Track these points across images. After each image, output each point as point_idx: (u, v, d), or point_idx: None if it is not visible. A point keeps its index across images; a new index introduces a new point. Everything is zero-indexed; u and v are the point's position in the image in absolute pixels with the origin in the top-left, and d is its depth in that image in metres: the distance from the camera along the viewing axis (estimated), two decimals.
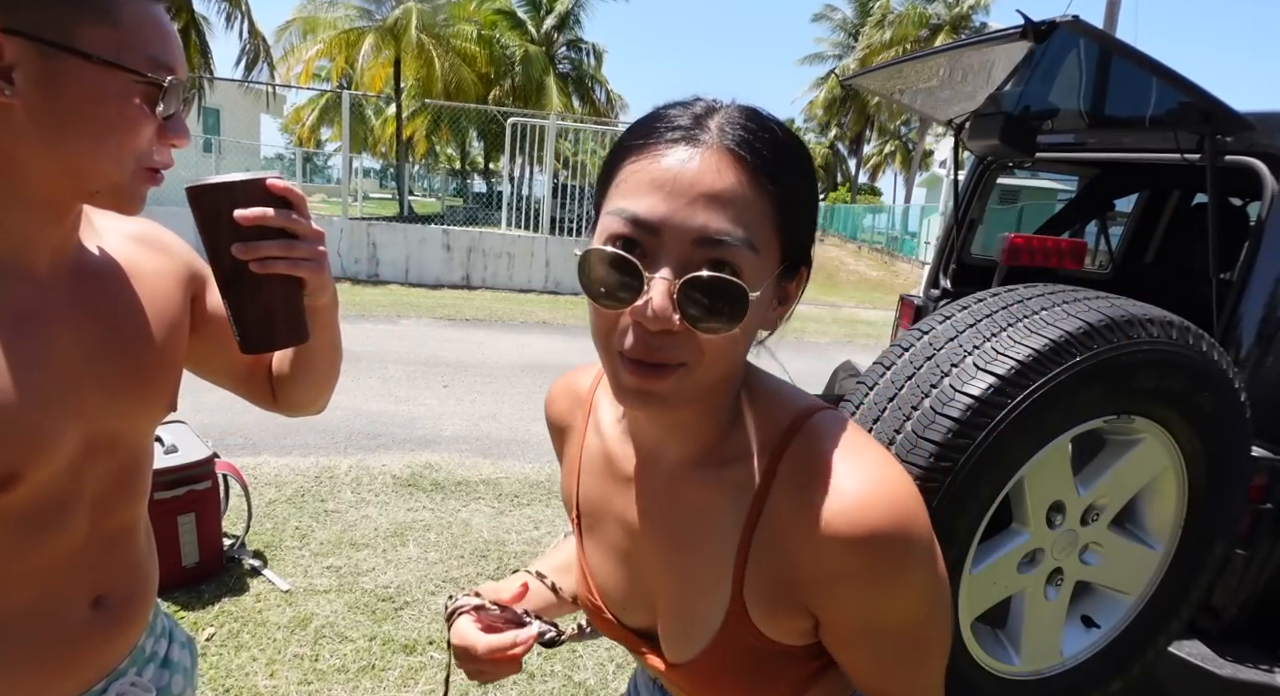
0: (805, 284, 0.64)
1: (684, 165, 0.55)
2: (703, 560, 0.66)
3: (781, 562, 0.61)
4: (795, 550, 0.60)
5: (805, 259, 0.62)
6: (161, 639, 0.91)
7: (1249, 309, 1.97)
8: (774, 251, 0.58)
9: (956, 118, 2.84)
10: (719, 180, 0.54)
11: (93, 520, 0.77)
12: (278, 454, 4.11)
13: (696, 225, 0.54)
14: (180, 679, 0.92)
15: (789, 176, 0.58)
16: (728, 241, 0.54)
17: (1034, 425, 1.44)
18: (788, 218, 0.58)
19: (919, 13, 28.47)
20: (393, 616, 2.66)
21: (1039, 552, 1.65)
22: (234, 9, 13.73)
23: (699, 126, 0.56)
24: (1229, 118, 1.97)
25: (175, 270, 0.89)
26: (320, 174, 34.93)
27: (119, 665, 0.82)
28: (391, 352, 6.69)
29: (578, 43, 26.40)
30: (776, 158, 0.57)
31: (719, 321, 0.55)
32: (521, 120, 11.97)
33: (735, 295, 0.54)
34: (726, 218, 0.54)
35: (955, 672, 1.59)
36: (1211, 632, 1.95)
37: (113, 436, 0.78)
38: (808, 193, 0.60)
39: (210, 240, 0.71)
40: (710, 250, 0.54)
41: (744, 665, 0.67)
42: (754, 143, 0.56)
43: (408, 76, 21.28)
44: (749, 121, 0.57)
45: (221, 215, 0.69)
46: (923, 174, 35.60)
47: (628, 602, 0.76)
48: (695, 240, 0.54)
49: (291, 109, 30.82)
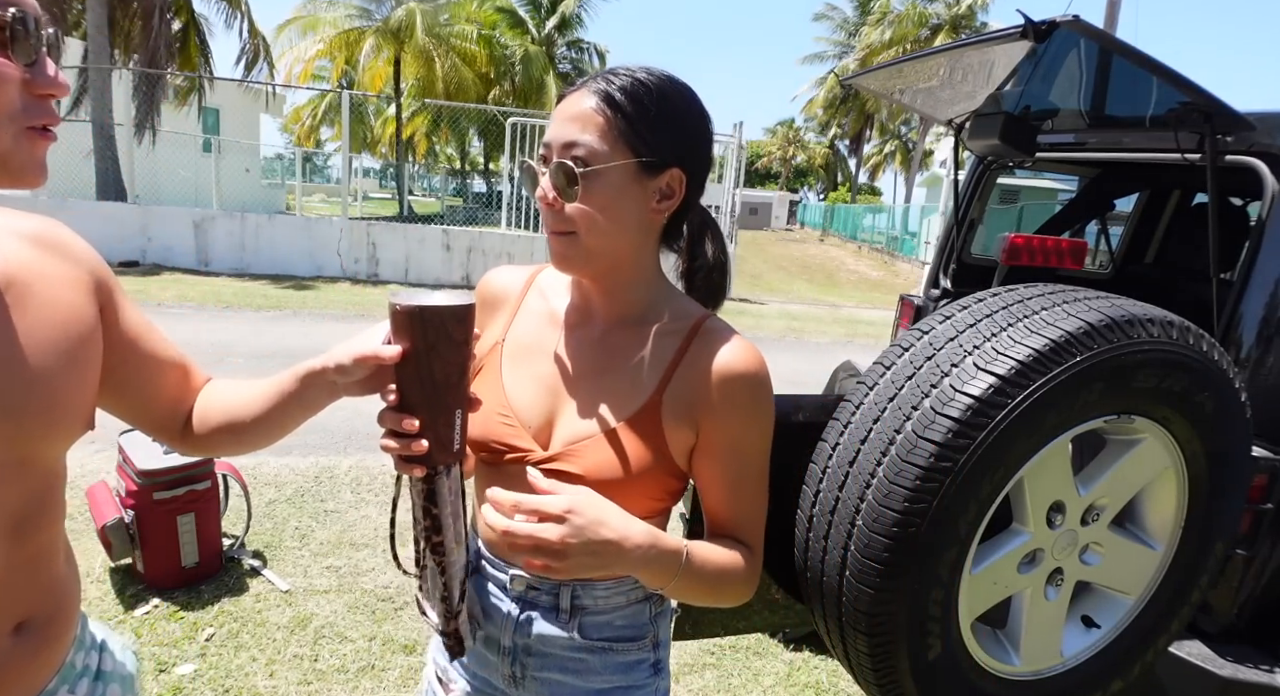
0: (684, 185, 0.87)
1: (566, 103, 0.84)
2: (626, 378, 0.90)
3: (693, 385, 0.87)
4: (704, 378, 0.87)
5: (672, 163, 0.85)
6: (93, 652, 0.88)
7: (1249, 309, 1.97)
8: (622, 150, 0.82)
9: (956, 117, 2.84)
10: (576, 107, 0.83)
11: (9, 548, 0.71)
12: (277, 454, 4.10)
13: (565, 136, 0.82)
14: (117, 687, 0.90)
15: (633, 102, 0.82)
16: (577, 141, 0.81)
17: (1034, 425, 1.44)
18: (632, 127, 0.81)
19: (919, 12, 28.46)
20: (393, 616, 2.66)
21: (1039, 553, 1.65)
22: (234, 9, 13.72)
23: (585, 82, 0.85)
24: (1229, 117, 1.97)
25: (81, 276, 0.80)
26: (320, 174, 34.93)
27: (47, 686, 0.79)
28: None
29: (579, 43, 26.39)
30: (624, 90, 0.82)
31: (569, 193, 0.82)
32: (521, 120, 11.96)
33: (572, 174, 0.80)
34: (577, 128, 0.82)
35: (955, 672, 1.59)
36: (1211, 632, 1.95)
37: (21, 461, 0.71)
38: (657, 113, 0.83)
39: (425, 359, 0.73)
40: (568, 150, 0.82)
41: (628, 455, 0.87)
42: (609, 81, 0.83)
43: (408, 76, 21.27)
44: (613, 72, 0.84)
45: (442, 335, 0.72)
46: (923, 174, 35.59)
47: (537, 413, 0.92)
48: (561, 146, 0.83)
49: (291, 109, 30.84)
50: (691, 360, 0.88)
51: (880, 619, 1.48)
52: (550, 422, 0.91)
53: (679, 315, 0.92)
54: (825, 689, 2.46)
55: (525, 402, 0.92)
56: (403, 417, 0.75)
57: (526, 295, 1.00)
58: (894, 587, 1.45)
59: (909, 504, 1.41)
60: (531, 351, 0.95)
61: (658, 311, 0.92)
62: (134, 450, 2.69)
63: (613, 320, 0.93)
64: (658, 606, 0.99)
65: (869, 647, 1.52)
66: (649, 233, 0.89)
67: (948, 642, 1.55)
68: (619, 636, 0.96)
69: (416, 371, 0.73)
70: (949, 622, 1.54)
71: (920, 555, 1.43)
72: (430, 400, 0.74)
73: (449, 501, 0.80)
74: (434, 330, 0.71)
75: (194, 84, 13.95)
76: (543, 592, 0.95)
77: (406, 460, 0.76)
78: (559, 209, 0.83)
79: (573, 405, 0.90)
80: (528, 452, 0.89)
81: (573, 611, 0.94)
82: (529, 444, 0.90)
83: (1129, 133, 2.50)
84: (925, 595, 1.47)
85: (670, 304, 0.93)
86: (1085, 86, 2.36)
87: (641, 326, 0.92)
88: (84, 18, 11.97)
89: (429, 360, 0.73)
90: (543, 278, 1.01)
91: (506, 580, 0.96)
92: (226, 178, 14.32)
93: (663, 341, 0.90)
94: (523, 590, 0.95)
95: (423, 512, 0.80)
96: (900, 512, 1.42)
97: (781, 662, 2.57)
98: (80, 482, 3.46)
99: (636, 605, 0.97)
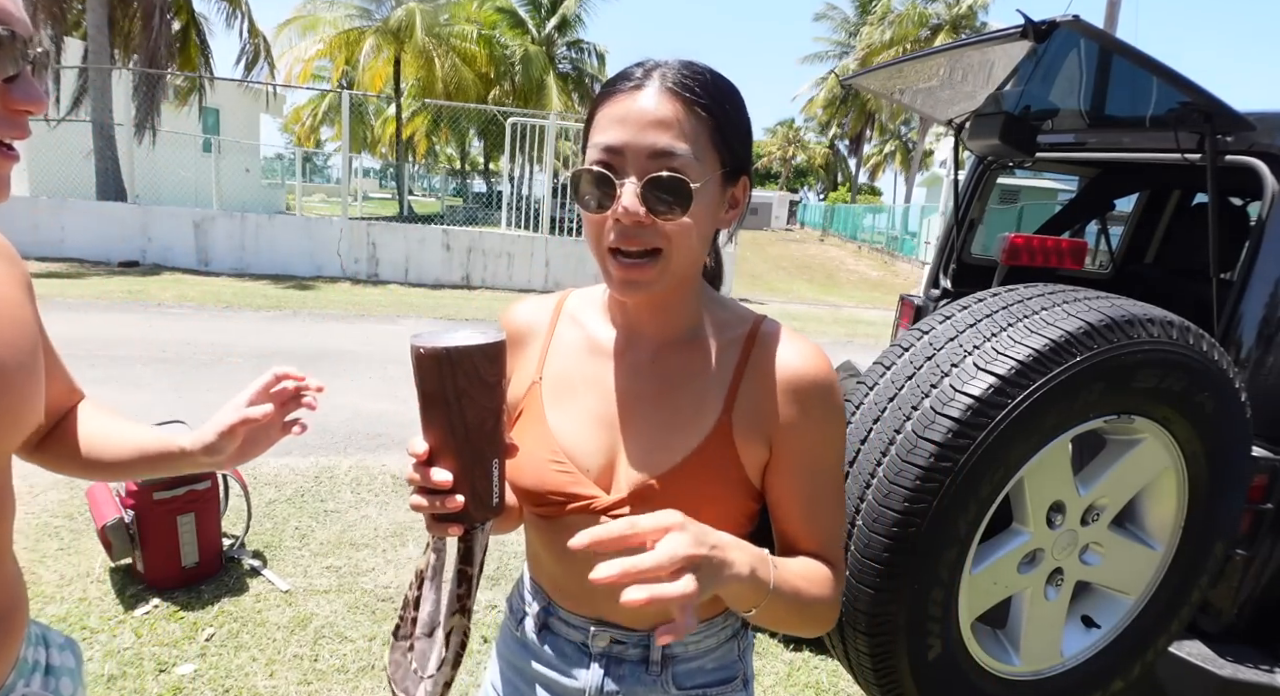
0: (749, 192, 0.83)
1: (636, 103, 0.74)
2: (688, 400, 0.82)
3: (761, 398, 0.81)
4: (772, 388, 0.80)
5: (744, 169, 0.80)
6: (39, 647, 0.88)
7: (1249, 309, 1.97)
8: (712, 159, 0.76)
9: (957, 117, 2.84)
10: (661, 110, 0.73)
11: None
12: (277, 454, 4.10)
13: (649, 143, 0.73)
14: (68, 681, 0.90)
15: (717, 105, 0.75)
16: (674, 151, 0.72)
17: (1034, 425, 1.44)
18: (720, 135, 0.76)
19: (919, 12, 28.46)
20: (392, 616, 2.66)
21: (1039, 553, 1.65)
22: (234, 8, 13.72)
23: (646, 76, 0.75)
24: (1229, 117, 1.97)
25: (19, 276, 0.80)
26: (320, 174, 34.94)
27: (6, 681, 0.79)
28: (392, 353, 6.69)
29: (579, 43, 26.38)
30: (705, 92, 0.75)
31: (674, 210, 0.73)
32: (521, 120, 11.97)
33: (683, 189, 0.72)
34: (670, 135, 0.73)
35: (955, 672, 1.59)
36: (1211, 632, 1.94)
37: None
38: (736, 118, 0.78)
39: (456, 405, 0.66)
40: (662, 160, 0.73)
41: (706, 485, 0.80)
42: (687, 82, 0.74)
43: (408, 76, 21.27)
44: (683, 68, 0.76)
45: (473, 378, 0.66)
46: (923, 174, 35.58)
47: (594, 454, 0.84)
48: (649, 154, 0.73)
49: (291, 109, 30.84)
50: (754, 370, 0.82)
51: (880, 619, 1.48)
52: (611, 463, 0.82)
53: (729, 322, 0.85)
54: (825, 689, 2.46)
55: (579, 444, 0.83)
56: (436, 471, 0.67)
57: (557, 326, 0.91)
58: (894, 587, 1.45)
59: (909, 504, 1.41)
60: (575, 386, 0.86)
61: (704, 322, 0.85)
62: None
63: (662, 340, 0.85)
64: (743, 641, 0.93)
65: (869, 647, 1.52)
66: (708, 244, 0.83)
67: (948, 642, 1.55)
68: (712, 680, 0.89)
69: (447, 420, 0.66)
70: (949, 622, 1.55)
71: (920, 555, 1.43)
72: (464, 451, 0.67)
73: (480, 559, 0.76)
74: (464, 373, 0.65)
75: (194, 84, 13.95)
76: (629, 645, 0.86)
77: (441, 519, 0.70)
78: (648, 225, 0.74)
79: (634, 440, 0.82)
80: (592, 499, 0.81)
81: (664, 662, 0.86)
82: (591, 490, 0.82)
83: (1129, 133, 2.50)
84: (925, 595, 1.48)
85: (714, 310, 0.86)
86: (1085, 86, 2.36)
87: (693, 342, 0.84)
88: (84, 18, 11.98)
89: (460, 406, 0.66)
90: (570, 304, 0.93)
91: (587, 636, 0.87)
92: (226, 178, 14.32)
93: (720, 354, 0.83)
94: (606, 645, 0.87)
95: (457, 576, 0.75)
96: (900, 512, 1.42)
97: (781, 662, 2.57)
98: (80, 482, 3.46)
99: (726, 645, 0.90)
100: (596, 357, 0.87)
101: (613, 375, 0.85)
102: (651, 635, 0.85)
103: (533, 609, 0.93)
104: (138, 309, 7.63)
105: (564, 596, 0.89)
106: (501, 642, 0.99)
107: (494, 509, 0.71)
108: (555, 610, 0.90)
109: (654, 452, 0.81)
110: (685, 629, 0.60)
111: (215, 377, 5.41)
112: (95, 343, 6.03)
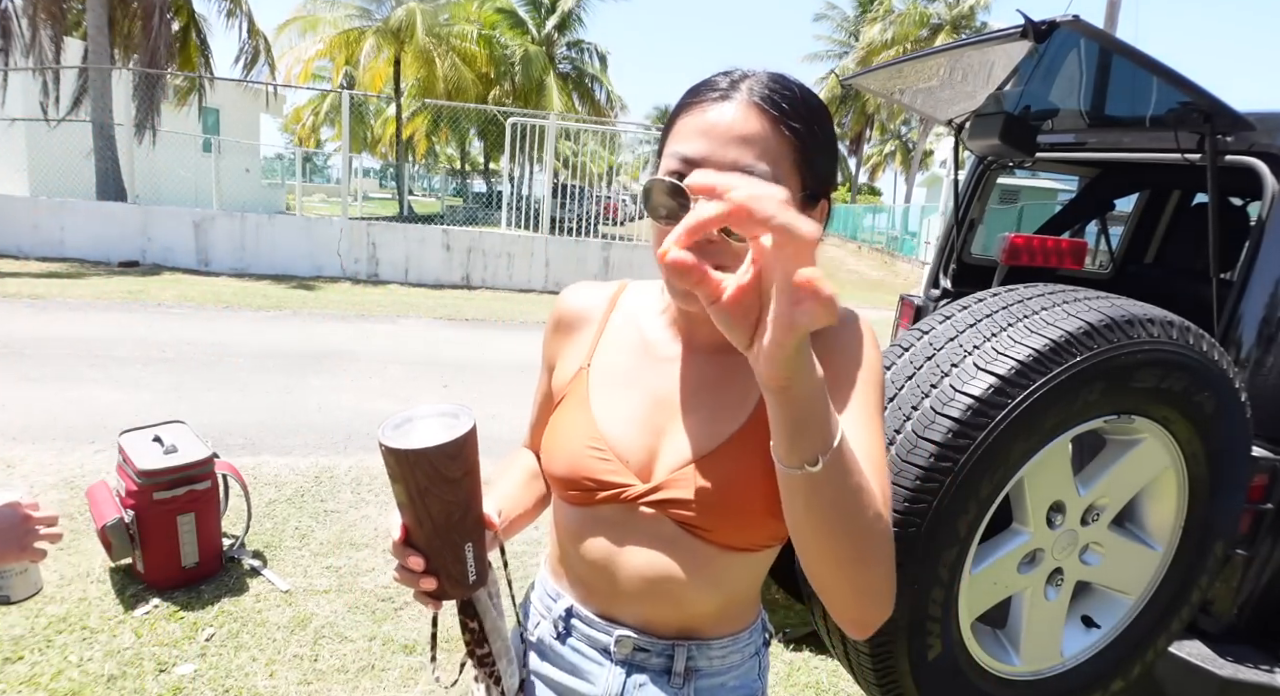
0: (828, 216, 0.78)
1: (720, 115, 0.71)
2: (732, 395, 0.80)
3: None
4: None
5: (824, 192, 0.76)
6: None
7: (1249, 309, 1.97)
8: (794, 182, 0.72)
9: (956, 117, 2.84)
10: (746, 126, 0.70)
11: None
12: (277, 454, 4.10)
13: (730, 159, 0.69)
14: None
15: (804, 125, 0.72)
16: (755, 171, 0.69)
17: (1034, 425, 1.44)
18: (804, 156, 0.72)
19: (920, 12, 28.45)
20: (392, 616, 2.66)
21: (1039, 553, 1.65)
22: (234, 8, 13.72)
23: (733, 87, 0.72)
24: (1229, 117, 1.97)
25: None
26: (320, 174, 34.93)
27: None
28: (391, 353, 6.69)
29: (579, 43, 26.37)
30: (794, 110, 0.71)
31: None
32: (521, 120, 11.96)
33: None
34: (753, 154, 0.69)
35: (955, 672, 1.59)
36: (1211, 632, 1.94)
37: None
38: (823, 139, 0.74)
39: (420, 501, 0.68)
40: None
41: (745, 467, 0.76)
42: (775, 98, 0.71)
43: (408, 76, 21.26)
44: (772, 82, 0.72)
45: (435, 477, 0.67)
46: (923, 174, 35.58)
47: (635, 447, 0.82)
48: (729, 170, 0.68)
49: (291, 109, 30.83)
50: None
51: None
52: (651, 458, 0.81)
53: None
54: (825, 689, 2.46)
55: (620, 436, 0.82)
56: (409, 554, 0.70)
57: (611, 316, 0.90)
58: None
59: (909, 504, 1.41)
60: (622, 381, 0.85)
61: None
62: (134, 450, 2.69)
63: (716, 346, 0.82)
64: (763, 659, 0.92)
65: (869, 647, 1.52)
66: None
67: (948, 642, 1.55)
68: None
69: (413, 512, 0.69)
70: (949, 622, 1.55)
71: (920, 555, 1.43)
72: (432, 540, 0.70)
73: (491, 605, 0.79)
74: (424, 473, 0.66)
75: (194, 84, 13.94)
76: (653, 654, 0.84)
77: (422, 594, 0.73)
78: (718, 243, 0.69)
79: (677, 436, 0.81)
80: (625, 488, 0.80)
81: (686, 674, 0.84)
82: (627, 478, 0.80)
83: (1129, 133, 2.50)
84: (925, 595, 1.48)
85: None
86: (1085, 86, 2.36)
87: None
88: (84, 18, 11.98)
89: (424, 501, 0.68)
90: (626, 298, 0.92)
91: (610, 642, 0.85)
92: (226, 178, 14.31)
93: None
94: (629, 653, 0.84)
95: (461, 628, 0.79)
96: (900, 512, 1.42)
97: (782, 662, 2.57)
98: (80, 483, 3.46)
99: (749, 662, 0.89)
100: (649, 357, 0.85)
101: (663, 376, 0.84)
102: (676, 645, 0.83)
103: (552, 612, 0.91)
104: (138, 309, 7.62)
105: (589, 594, 0.87)
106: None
107: (470, 586, 0.73)
108: (578, 612, 0.88)
109: (695, 440, 0.79)
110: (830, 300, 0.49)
111: (215, 377, 5.41)
112: (95, 343, 6.03)
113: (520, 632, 0.96)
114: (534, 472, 0.98)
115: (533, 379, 2.74)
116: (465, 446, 0.67)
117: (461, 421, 0.69)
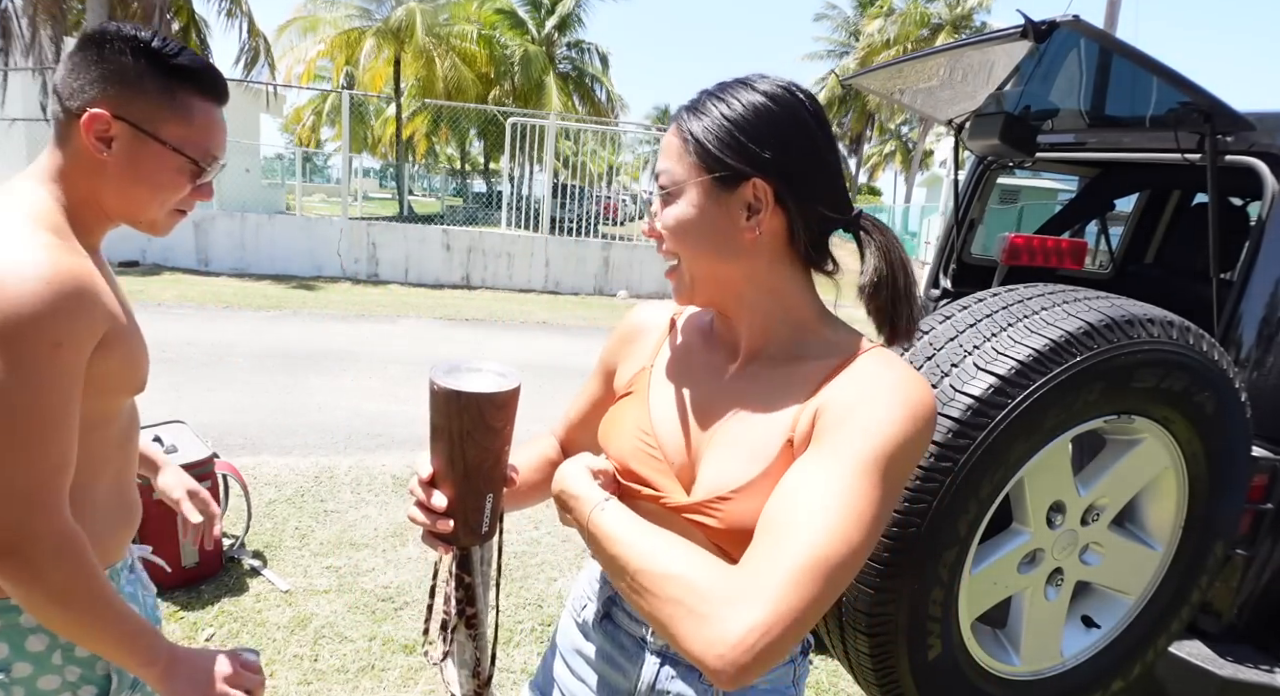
0: (769, 196, 0.78)
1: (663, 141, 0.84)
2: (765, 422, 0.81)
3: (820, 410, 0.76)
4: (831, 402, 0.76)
5: (751, 174, 0.77)
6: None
7: (1249, 309, 1.97)
8: (694, 169, 0.79)
9: (956, 118, 2.84)
10: (668, 140, 0.82)
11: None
12: (277, 454, 4.10)
13: (656, 168, 0.84)
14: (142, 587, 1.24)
15: (700, 115, 0.79)
16: (660, 170, 0.82)
17: (1034, 425, 1.44)
18: (698, 142, 0.78)
19: (920, 12, 28.44)
20: (392, 616, 2.66)
21: (1039, 553, 1.65)
22: (234, 8, 13.71)
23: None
24: (1229, 117, 1.97)
25: None
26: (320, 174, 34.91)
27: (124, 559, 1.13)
28: (391, 353, 6.69)
29: (579, 43, 26.36)
30: (695, 106, 0.80)
31: (656, 217, 0.83)
32: (521, 120, 11.96)
33: (658, 198, 0.83)
34: (663, 158, 0.83)
35: (955, 672, 1.59)
36: (1211, 632, 1.94)
37: None
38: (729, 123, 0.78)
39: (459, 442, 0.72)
40: (657, 179, 0.83)
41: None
42: (685, 106, 0.82)
43: (408, 76, 21.25)
44: (702, 92, 0.82)
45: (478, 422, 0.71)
46: (923, 174, 35.56)
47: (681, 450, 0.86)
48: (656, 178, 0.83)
49: (292, 109, 30.81)
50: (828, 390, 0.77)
51: (880, 619, 1.48)
52: (693, 464, 0.84)
53: (838, 345, 0.82)
54: (825, 689, 2.46)
55: (669, 434, 0.87)
56: (432, 492, 0.74)
57: (671, 329, 0.98)
58: (894, 587, 1.45)
59: (909, 504, 1.41)
60: (674, 384, 0.91)
61: (810, 346, 0.83)
62: None
63: (753, 355, 0.86)
64: (800, 667, 0.93)
65: (869, 647, 1.52)
66: (756, 255, 0.81)
67: (948, 642, 1.55)
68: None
69: (449, 454, 0.72)
70: (949, 622, 1.54)
71: (920, 555, 1.43)
72: (461, 483, 0.73)
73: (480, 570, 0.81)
74: (470, 417, 0.70)
75: None
76: None
77: (432, 535, 0.76)
78: (658, 237, 0.84)
79: (715, 449, 0.83)
80: (665, 494, 0.84)
81: None
82: (670, 482, 0.84)
83: (1129, 133, 2.50)
84: (925, 595, 1.48)
85: (826, 332, 0.84)
86: (1085, 86, 2.36)
87: (792, 359, 0.83)
88: (84, 18, 11.97)
89: (463, 445, 0.71)
90: (683, 317, 0.99)
91: (645, 632, 0.89)
92: (226, 177, 14.27)
93: (810, 375, 0.80)
94: (664, 644, 0.88)
95: (456, 582, 0.80)
96: (900, 512, 1.42)
97: None
98: None
99: (782, 668, 0.90)
100: (696, 366, 0.91)
101: (708, 385, 0.88)
102: None
103: (596, 600, 0.96)
104: (138, 309, 7.53)
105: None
106: (562, 629, 1.03)
107: (481, 536, 0.78)
108: (619, 600, 0.92)
109: (729, 466, 0.80)
110: None
111: (215, 377, 5.41)
112: None
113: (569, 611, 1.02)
114: (550, 459, 1.06)
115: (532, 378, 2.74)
116: (512, 399, 0.72)
117: (509, 378, 0.74)
